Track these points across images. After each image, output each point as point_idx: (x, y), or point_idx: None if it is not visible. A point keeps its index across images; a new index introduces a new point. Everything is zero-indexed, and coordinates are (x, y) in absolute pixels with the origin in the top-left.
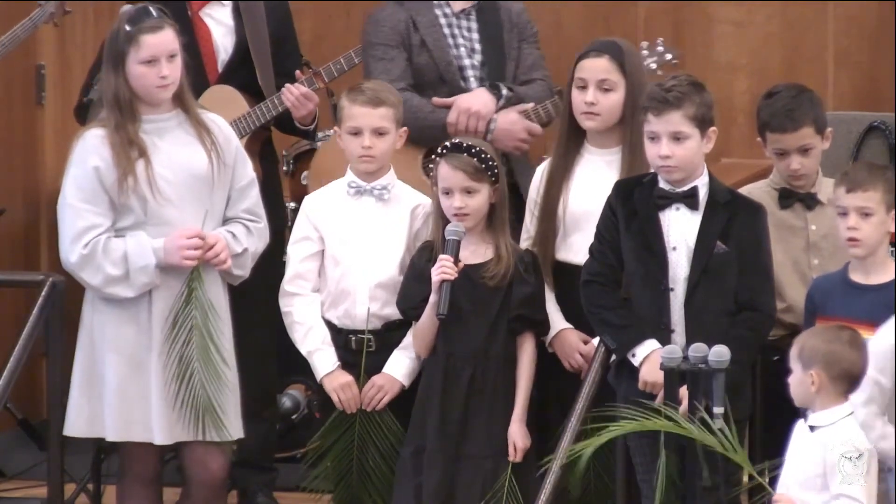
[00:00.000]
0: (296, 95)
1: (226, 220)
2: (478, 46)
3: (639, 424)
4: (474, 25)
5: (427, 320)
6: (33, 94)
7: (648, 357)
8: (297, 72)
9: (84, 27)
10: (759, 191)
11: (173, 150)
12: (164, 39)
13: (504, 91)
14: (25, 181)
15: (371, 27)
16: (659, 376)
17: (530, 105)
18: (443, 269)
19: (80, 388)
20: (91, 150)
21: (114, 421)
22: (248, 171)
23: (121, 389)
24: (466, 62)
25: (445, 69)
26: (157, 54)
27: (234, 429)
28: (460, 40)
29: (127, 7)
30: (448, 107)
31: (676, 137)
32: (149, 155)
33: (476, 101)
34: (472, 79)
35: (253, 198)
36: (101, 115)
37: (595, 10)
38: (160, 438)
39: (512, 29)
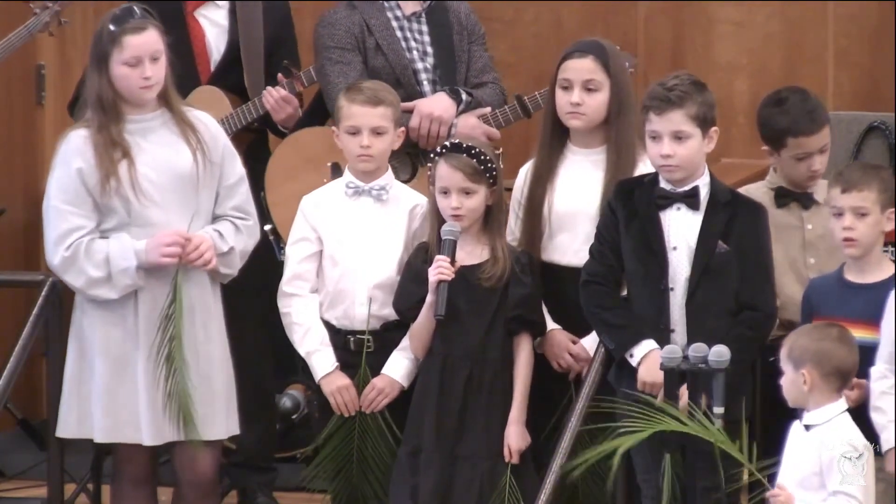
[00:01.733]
0: (275, 98)
1: (215, 218)
2: (430, 49)
3: (654, 425)
4: (425, 28)
5: (424, 321)
6: (33, 94)
7: (646, 357)
8: (279, 75)
9: (84, 27)
10: (756, 192)
11: (157, 150)
12: (147, 40)
13: (464, 96)
14: (25, 181)
15: (325, 30)
16: (657, 376)
17: (488, 109)
18: (440, 270)
19: (69, 389)
20: (74, 151)
21: (102, 423)
22: (236, 169)
23: (108, 391)
24: (419, 65)
25: (402, 72)
26: (140, 55)
27: (222, 429)
28: (412, 43)
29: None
30: (409, 111)
31: (678, 137)
32: (132, 156)
33: (437, 105)
34: (425, 82)
35: (242, 195)
36: (85, 115)
37: (595, 10)
38: (149, 439)
39: (461, 31)
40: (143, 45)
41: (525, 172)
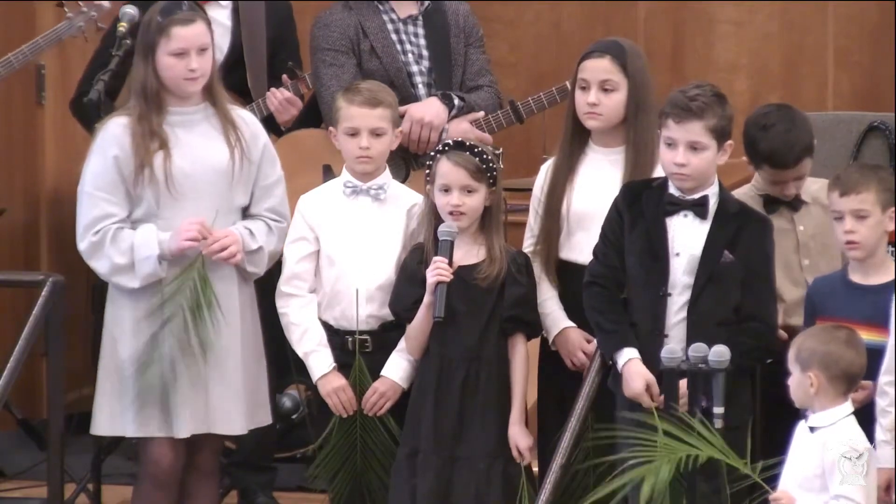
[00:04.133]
0: (279, 100)
1: (249, 217)
2: (425, 52)
3: (655, 453)
4: (421, 31)
5: (420, 322)
6: (33, 94)
7: (626, 366)
8: (284, 76)
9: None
10: (743, 196)
11: (196, 143)
12: (195, 32)
13: (456, 101)
14: (25, 181)
15: (320, 31)
16: (635, 388)
17: (481, 114)
18: (438, 271)
19: (101, 388)
20: (111, 139)
21: (136, 418)
22: (275, 170)
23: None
24: (414, 68)
25: (395, 75)
26: (186, 47)
27: (239, 424)
28: (408, 46)
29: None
30: (400, 115)
31: (694, 147)
32: (169, 147)
33: (429, 110)
34: (420, 85)
35: (278, 197)
36: (129, 102)
37: (595, 10)
38: (179, 432)
39: (459, 34)
40: (191, 36)
41: (546, 171)
